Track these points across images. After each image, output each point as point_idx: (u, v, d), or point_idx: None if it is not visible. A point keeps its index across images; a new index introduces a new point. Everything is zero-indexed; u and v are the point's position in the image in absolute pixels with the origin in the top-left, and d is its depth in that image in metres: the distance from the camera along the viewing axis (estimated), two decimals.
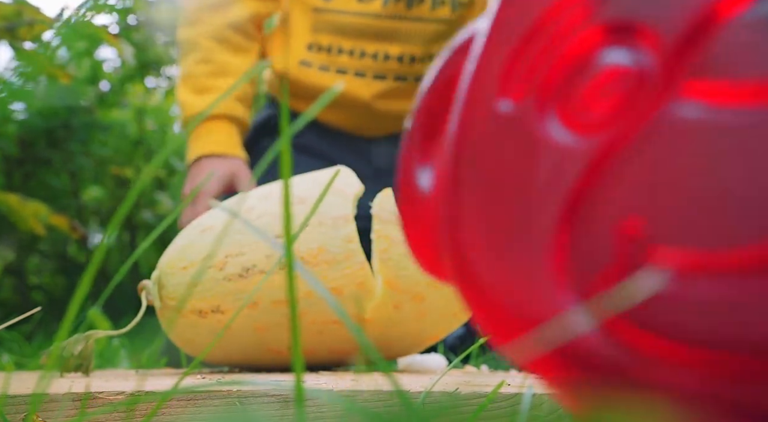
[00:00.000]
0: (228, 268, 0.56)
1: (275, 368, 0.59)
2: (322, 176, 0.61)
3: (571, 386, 0.21)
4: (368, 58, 1.03)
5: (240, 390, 0.37)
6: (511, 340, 0.22)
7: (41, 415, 0.36)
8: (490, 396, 0.35)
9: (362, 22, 1.03)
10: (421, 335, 0.60)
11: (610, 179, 0.20)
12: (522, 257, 0.21)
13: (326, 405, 0.36)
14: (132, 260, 0.25)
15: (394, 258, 0.56)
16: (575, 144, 0.21)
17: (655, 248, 0.19)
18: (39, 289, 1.96)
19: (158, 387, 0.40)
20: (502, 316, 0.22)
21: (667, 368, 0.19)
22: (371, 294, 0.56)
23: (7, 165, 1.75)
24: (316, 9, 1.03)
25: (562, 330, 0.20)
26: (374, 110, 1.05)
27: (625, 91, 0.20)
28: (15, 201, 1.21)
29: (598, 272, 0.20)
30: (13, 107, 1.62)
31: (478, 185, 0.22)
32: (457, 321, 0.61)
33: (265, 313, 0.55)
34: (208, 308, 0.56)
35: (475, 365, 0.76)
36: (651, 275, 0.19)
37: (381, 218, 0.57)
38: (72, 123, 1.77)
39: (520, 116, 0.22)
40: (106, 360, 0.95)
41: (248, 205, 0.58)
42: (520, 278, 0.21)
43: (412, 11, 1.03)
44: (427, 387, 0.37)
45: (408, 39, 1.03)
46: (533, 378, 0.22)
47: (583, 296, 0.20)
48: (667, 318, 0.19)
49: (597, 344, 0.19)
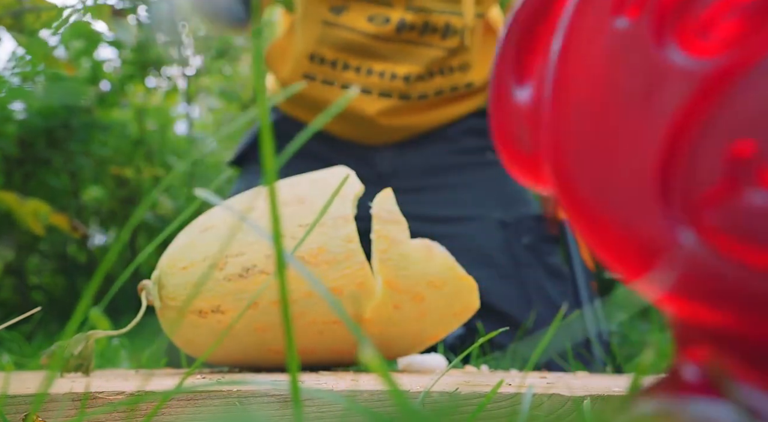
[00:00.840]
0: (228, 268, 0.56)
1: (275, 368, 0.59)
2: (321, 175, 0.61)
3: (675, 295, 0.21)
4: (375, 76, 1.03)
5: (240, 390, 0.37)
6: (620, 260, 0.22)
7: (41, 415, 0.36)
8: (489, 396, 0.35)
9: (371, 43, 1.02)
10: (421, 335, 0.60)
11: (725, 101, 0.20)
12: (629, 177, 0.21)
13: (326, 405, 0.36)
14: (135, 265, 0.25)
15: (394, 258, 0.56)
16: (691, 65, 0.21)
17: (764, 171, 0.19)
18: (39, 289, 1.96)
19: (158, 387, 0.40)
20: (611, 237, 0.22)
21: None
22: (371, 294, 0.56)
23: (7, 165, 1.75)
24: (325, 21, 1.02)
25: (669, 248, 0.20)
26: (378, 124, 1.05)
27: (750, 15, 0.20)
28: (14, 200, 1.21)
29: (704, 191, 0.20)
30: (13, 106, 1.62)
31: (585, 103, 0.22)
32: (458, 321, 0.61)
33: (264, 313, 0.55)
34: (208, 308, 0.56)
35: (475, 365, 0.76)
36: (759, 194, 0.19)
37: (380, 218, 0.57)
38: (72, 123, 1.77)
39: (635, 34, 0.22)
40: (106, 360, 0.95)
41: (250, 205, 0.58)
42: (627, 198, 0.21)
43: (424, 38, 1.03)
44: (426, 387, 0.37)
45: (415, 60, 1.03)
46: (533, 377, 0.22)
47: (690, 215, 0.20)
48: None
49: (703, 259, 0.20)
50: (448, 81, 1.07)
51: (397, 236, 0.57)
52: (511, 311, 0.98)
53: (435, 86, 1.06)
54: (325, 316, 0.56)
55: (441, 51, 1.04)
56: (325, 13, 1.02)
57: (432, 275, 0.57)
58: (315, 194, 0.58)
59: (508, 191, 1.08)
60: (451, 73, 1.07)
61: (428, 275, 0.57)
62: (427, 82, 1.05)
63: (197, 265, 0.57)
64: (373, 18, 1.00)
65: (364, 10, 1.01)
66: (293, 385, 0.19)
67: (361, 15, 1.01)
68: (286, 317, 0.19)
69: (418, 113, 1.07)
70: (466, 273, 0.59)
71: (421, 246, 0.57)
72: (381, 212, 0.57)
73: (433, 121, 1.09)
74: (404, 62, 1.03)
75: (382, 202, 0.58)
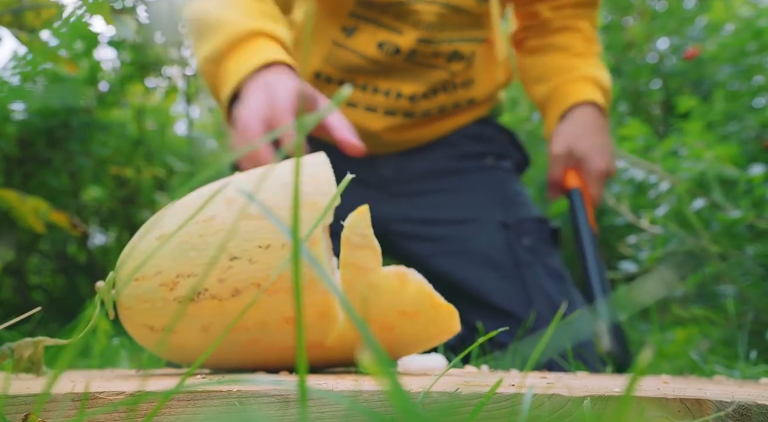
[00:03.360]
0: (178, 289, 0.52)
1: (275, 368, 0.59)
2: (290, 176, 0.55)
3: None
4: (380, 94, 1.03)
5: (240, 390, 0.37)
6: None
7: (41, 415, 0.36)
8: (488, 395, 0.35)
9: (377, 67, 1.02)
10: (391, 356, 0.58)
11: None
12: None
13: (326, 405, 0.36)
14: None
15: (360, 289, 0.52)
16: None
17: None
18: (39, 289, 1.96)
19: (158, 388, 0.40)
20: None
21: None
22: (334, 324, 0.53)
23: (7, 165, 1.75)
24: (335, 42, 1.01)
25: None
26: (383, 139, 1.05)
27: None
28: (14, 198, 1.21)
29: None
30: (13, 106, 1.62)
31: None
32: (434, 343, 0.58)
33: (216, 338, 0.53)
34: (159, 326, 0.54)
35: (475, 365, 0.76)
36: None
37: (350, 244, 0.52)
38: (71, 123, 1.77)
39: None
40: (106, 360, 0.95)
41: (212, 212, 0.54)
42: None
43: (429, 60, 1.03)
44: (426, 388, 0.37)
45: (420, 80, 1.03)
46: (533, 377, 0.22)
47: None
48: None
49: None
50: (452, 98, 1.07)
51: (366, 264, 0.52)
52: (512, 310, 0.98)
53: (438, 103, 1.06)
54: (282, 343, 0.53)
55: (446, 73, 1.04)
56: (336, 33, 1.01)
57: (404, 305, 0.53)
58: (283, 201, 0.52)
59: (508, 194, 1.09)
60: (454, 89, 1.07)
61: (400, 305, 0.53)
62: (430, 99, 1.05)
63: (149, 279, 0.53)
64: (383, 45, 1.00)
65: (375, 35, 1.00)
66: (300, 385, 0.19)
67: (371, 39, 1.00)
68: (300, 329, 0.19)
69: (421, 127, 1.08)
70: (443, 301, 0.55)
71: (393, 275, 0.53)
72: (352, 237, 0.52)
73: (435, 133, 1.10)
74: (410, 82, 1.03)
75: (355, 224, 0.52)
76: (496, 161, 1.12)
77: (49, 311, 1.73)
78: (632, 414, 0.36)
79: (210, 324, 0.52)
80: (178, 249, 0.53)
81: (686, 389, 0.43)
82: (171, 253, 0.53)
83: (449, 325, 0.56)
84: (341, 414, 0.36)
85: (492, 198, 1.08)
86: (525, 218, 1.06)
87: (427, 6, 0.98)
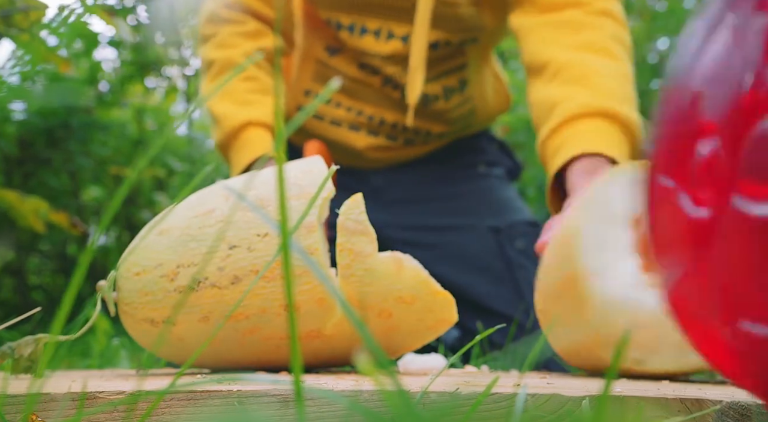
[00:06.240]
0: (179, 279, 0.53)
1: (275, 368, 0.59)
2: (290, 173, 0.56)
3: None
4: (364, 117, 1.04)
5: (240, 390, 0.37)
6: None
7: (41, 415, 0.36)
8: (485, 393, 0.35)
9: (361, 89, 1.02)
10: (390, 348, 0.58)
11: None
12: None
13: (326, 405, 0.36)
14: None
15: (358, 274, 0.52)
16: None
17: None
18: (39, 289, 1.96)
19: (158, 387, 0.40)
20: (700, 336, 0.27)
21: None
22: (332, 311, 0.53)
23: (7, 165, 1.75)
24: (318, 61, 1.03)
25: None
26: (367, 157, 1.06)
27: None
28: (14, 197, 1.21)
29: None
30: (13, 106, 1.62)
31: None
32: (433, 334, 0.58)
33: (216, 327, 0.53)
34: (160, 319, 0.54)
35: (475, 365, 0.76)
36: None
37: (346, 229, 0.52)
38: (71, 123, 1.77)
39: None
40: (106, 360, 0.95)
41: (210, 206, 0.55)
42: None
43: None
44: (424, 387, 0.37)
45: (404, 111, 1.03)
46: (533, 377, 0.22)
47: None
48: None
49: None
50: (437, 128, 1.07)
51: (363, 249, 0.52)
52: (508, 312, 0.99)
53: (422, 133, 1.07)
54: (281, 331, 0.53)
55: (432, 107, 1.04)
56: (320, 52, 1.03)
57: (401, 290, 0.53)
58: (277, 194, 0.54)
59: (500, 200, 1.10)
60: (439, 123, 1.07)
61: (397, 291, 0.53)
62: (416, 132, 1.06)
63: (150, 272, 0.54)
64: (365, 66, 1.01)
65: (355, 59, 1.01)
66: (296, 384, 0.19)
67: (353, 62, 1.01)
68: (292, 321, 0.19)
69: (406, 149, 1.08)
70: (440, 288, 0.55)
71: (389, 260, 0.53)
72: (347, 222, 0.52)
73: (422, 152, 1.10)
74: (393, 111, 1.03)
75: (350, 210, 0.52)
76: (488, 169, 1.13)
77: (49, 311, 1.72)
78: (632, 414, 0.36)
79: (210, 313, 0.53)
80: (179, 241, 0.54)
81: (686, 389, 0.43)
82: (171, 246, 0.54)
83: (447, 314, 0.56)
84: (341, 413, 0.36)
85: (483, 204, 1.09)
86: (517, 222, 1.06)
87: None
